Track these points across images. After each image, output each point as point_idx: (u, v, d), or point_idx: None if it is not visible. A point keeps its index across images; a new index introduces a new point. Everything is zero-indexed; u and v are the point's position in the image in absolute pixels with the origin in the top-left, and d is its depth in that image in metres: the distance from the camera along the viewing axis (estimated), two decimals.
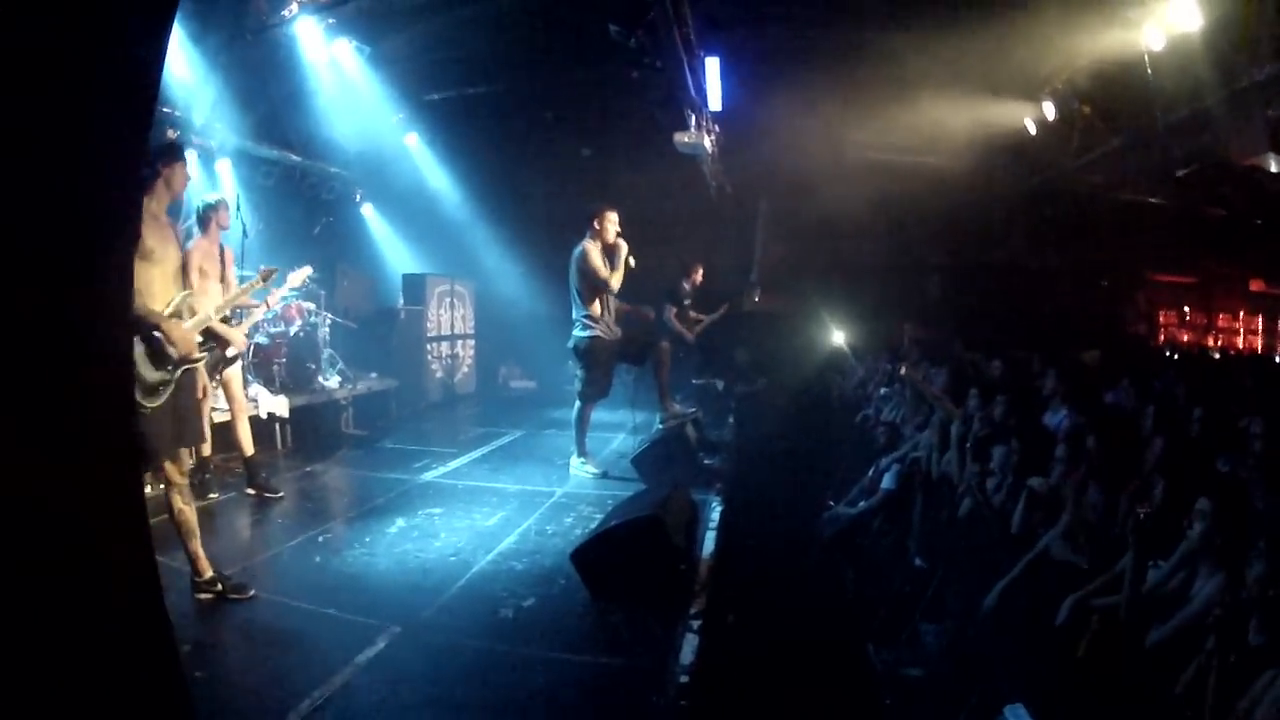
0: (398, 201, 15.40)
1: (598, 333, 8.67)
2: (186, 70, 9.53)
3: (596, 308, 8.69)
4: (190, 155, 10.31)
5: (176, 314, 5.12)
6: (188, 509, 5.08)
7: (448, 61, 11.91)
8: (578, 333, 8.75)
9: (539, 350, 14.81)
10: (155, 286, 4.96)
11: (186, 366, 5.08)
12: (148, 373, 4.86)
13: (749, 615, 5.76)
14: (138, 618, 2.38)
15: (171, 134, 9.84)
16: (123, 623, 2.32)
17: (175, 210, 7.68)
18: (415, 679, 4.22)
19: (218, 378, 7.51)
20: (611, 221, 8.71)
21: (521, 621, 5.01)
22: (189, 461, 5.35)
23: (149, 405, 4.82)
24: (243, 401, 7.90)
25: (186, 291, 5.35)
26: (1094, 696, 4.10)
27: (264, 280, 7.07)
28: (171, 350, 4.92)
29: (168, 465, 5.00)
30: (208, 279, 7.15)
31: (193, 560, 5.08)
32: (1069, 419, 6.83)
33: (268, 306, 7.80)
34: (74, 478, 2.20)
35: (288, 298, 9.01)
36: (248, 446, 7.77)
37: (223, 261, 7.43)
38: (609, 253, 8.64)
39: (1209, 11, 8.79)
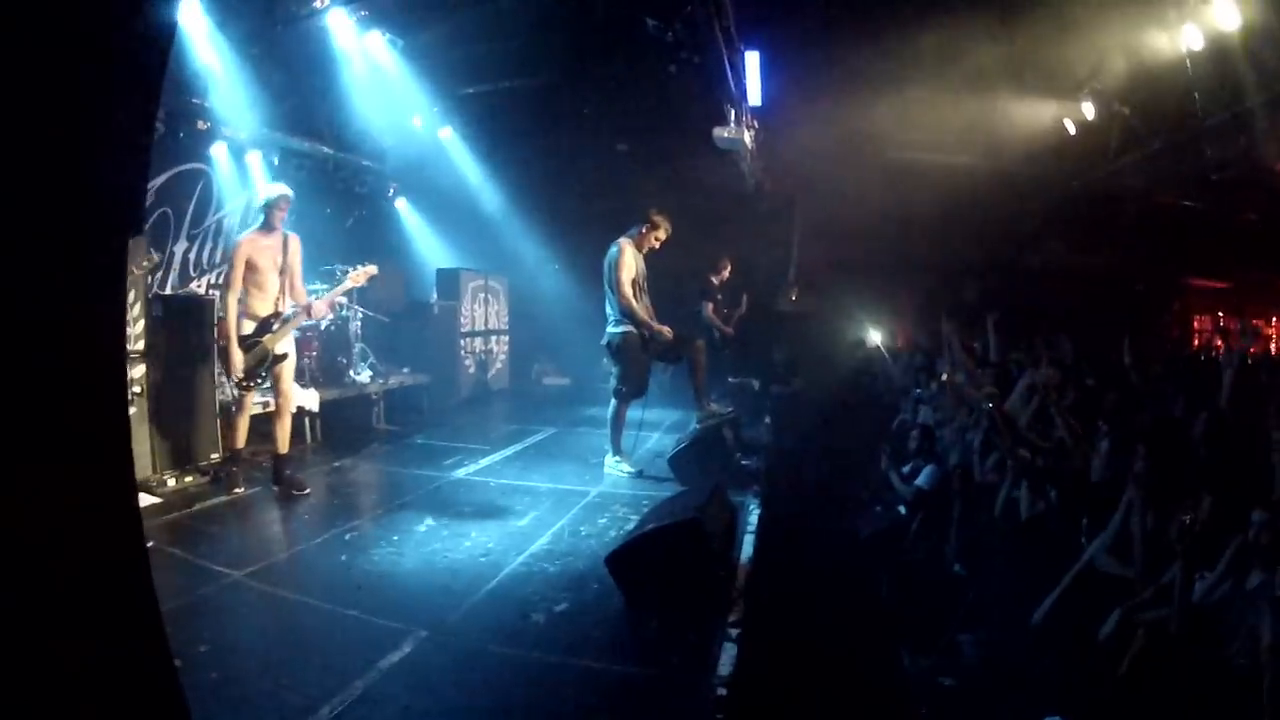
0: (432, 195, 15.31)
1: (631, 329, 8.50)
2: (216, 60, 9.46)
3: (637, 306, 8.53)
4: (220, 147, 10.25)
5: None
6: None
7: (483, 55, 11.79)
8: (611, 329, 8.61)
9: (573, 347, 14.69)
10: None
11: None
12: None
13: (786, 623, 5.54)
14: (128, 620, 2.22)
15: (202, 125, 9.77)
16: (112, 625, 2.16)
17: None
18: (440, 686, 4.03)
19: (263, 373, 7.53)
20: (662, 232, 8.72)
21: (553, 627, 4.79)
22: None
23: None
24: (290, 398, 7.83)
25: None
26: (1138, 712, 3.92)
27: (364, 279, 7.90)
28: None
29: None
30: (259, 271, 7.35)
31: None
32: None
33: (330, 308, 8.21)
34: (63, 479, 2.04)
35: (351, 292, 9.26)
36: (283, 444, 7.69)
37: (285, 252, 7.55)
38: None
39: (1248, 12, 8.63)
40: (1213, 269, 18.08)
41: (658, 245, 8.71)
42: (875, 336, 14.12)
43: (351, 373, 10.87)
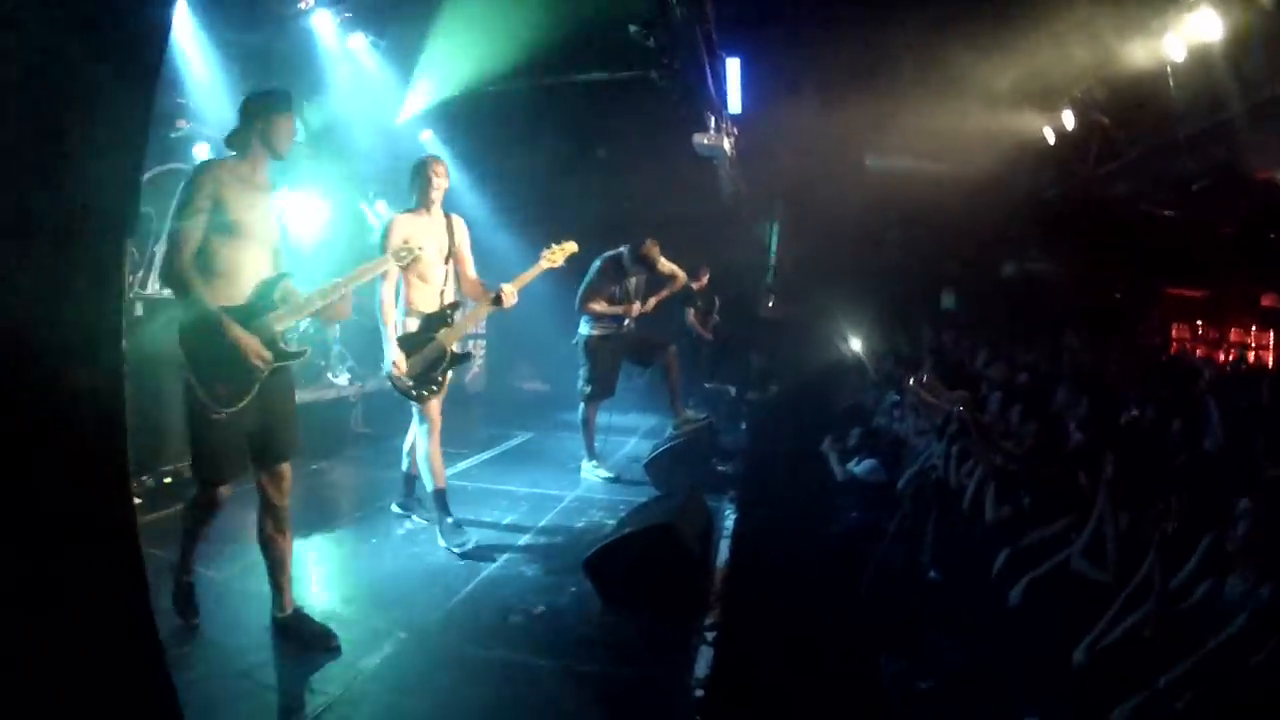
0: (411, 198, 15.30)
1: (595, 331, 8.64)
2: (200, 60, 9.44)
3: (600, 305, 8.64)
4: (202, 148, 10.24)
5: (277, 303, 4.36)
6: (279, 536, 4.56)
7: (465, 58, 11.82)
8: (580, 329, 8.76)
9: (551, 351, 14.69)
10: (246, 271, 4.29)
11: (276, 366, 4.33)
12: (228, 374, 4.17)
13: (763, 625, 5.61)
14: (121, 625, 2.27)
15: (183, 124, 9.75)
16: (105, 629, 2.21)
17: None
18: (421, 687, 4.09)
19: (439, 376, 6.36)
20: (651, 261, 8.73)
21: (532, 629, 4.88)
22: (288, 479, 4.63)
23: (223, 411, 4.14)
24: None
25: (283, 274, 4.46)
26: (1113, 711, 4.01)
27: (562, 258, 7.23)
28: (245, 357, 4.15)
29: (261, 480, 4.51)
30: (419, 260, 6.17)
31: (277, 592, 4.55)
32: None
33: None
34: (55, 483, 2.09)
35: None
36: (440, 473, 6.55)
37: (450, 234, 6.52)
38: (655, 279, 8.90)
39: (1230, 23, 8.75)
40: (1191, 278, 18.24)
41: (657, 264, 8.75)
42: (853, 343, 14.20)
43: (330, 374, 10.86)
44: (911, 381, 9.59)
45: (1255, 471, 5.21)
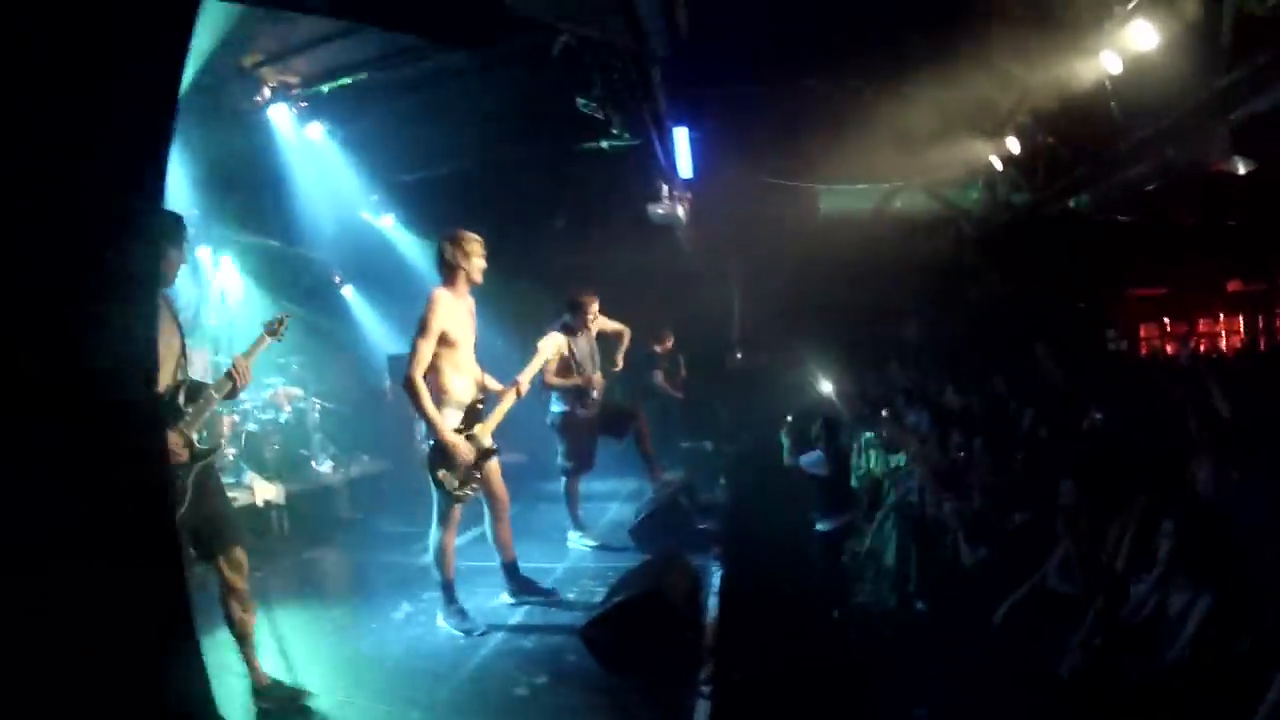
0: (378, 282, 15.49)
1: (567, 408, 8.77)
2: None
3: (559, 380, 8.62)
4: None
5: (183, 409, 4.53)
6: (246, 616, 4.78)
7: (416, 141, 12.05)
8: (551, 408, 8.90)
9: (527, 422, 14.77)
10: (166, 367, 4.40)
11: (203, 465, 4.61)
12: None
13: (756, 675, 5.82)
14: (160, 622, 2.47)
15: None
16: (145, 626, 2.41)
17: None
18: None
19: (479, 476, 6.42)
20: (593, 306, 8.68)
21: (537, 699, 5.08)
22: (245, 562, 4.81)
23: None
24: (507, 497, 6.92)
25: (182, 381, 4.59)
26: None
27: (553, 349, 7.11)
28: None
29: (221, 568, 4.65)
30: (456, 347, 6.29)
31: (252, 668, 4.83)
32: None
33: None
34: (97, 477, 2.31)
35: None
36: (510, 548, 7.03)
37: (473, 320, 6.49)
38: (588, 340, 8.74)
39: (1165, 29, 8.96)
40: (1153, 277, 18.72)
41: (594, 318, 8.70)
42: (823, 384, 14.34)
43: (314, 463, 11.01)
44: (883, 414, 9.92)
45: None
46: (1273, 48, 7.82)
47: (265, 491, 9.46)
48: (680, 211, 12.34)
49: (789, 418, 10.39)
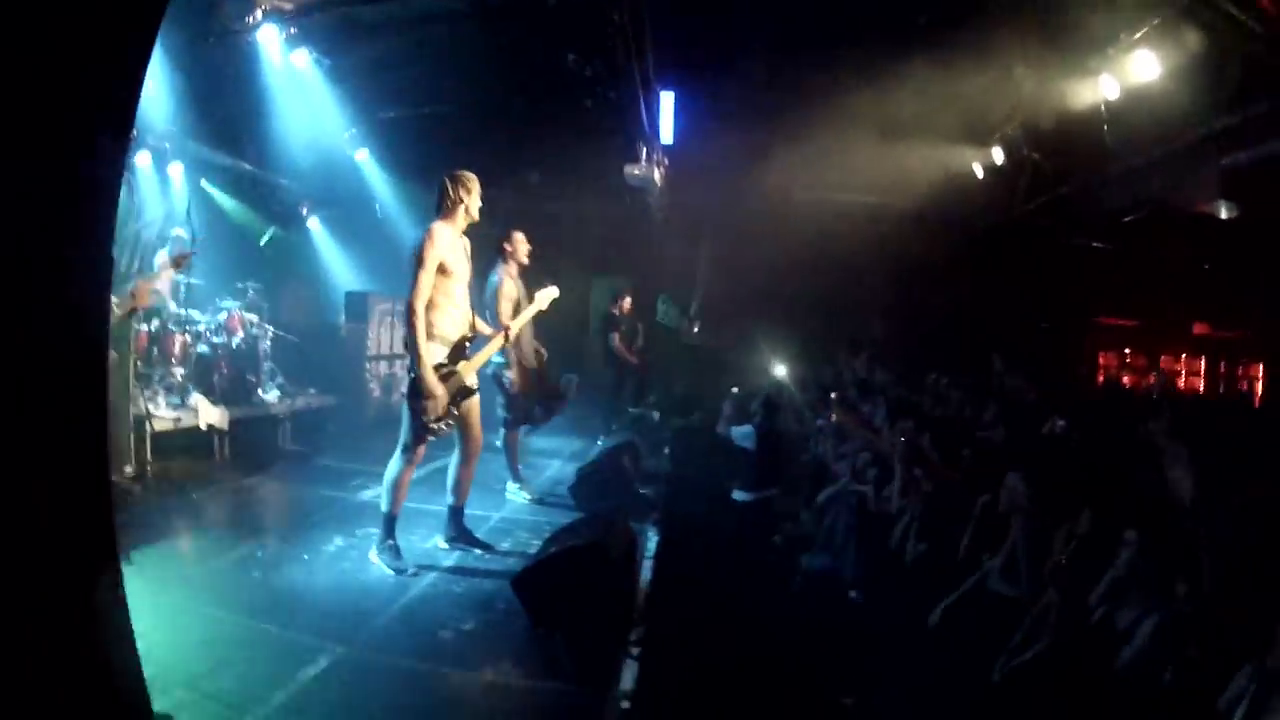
0: (345, 217, 15.36)
1: (513, 360, 8.63)
2: (148, 69, 9.43)
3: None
4: (144, 156, 10.22)
5: None
6: None
7: (404, 80, 11.95)
8: (495, 359, 8.46)
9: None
10: None
11: None
12: None
13: (685, 643, 5.84)
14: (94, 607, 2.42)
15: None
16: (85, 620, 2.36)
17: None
18: (356, 699, 4.26)
19: (455, 414, 6.36)
20: (521, 243, 8.62)
21: (462, 644, 5.07)
22: None
23: None
24: (481, 439, 6.90)
25: None
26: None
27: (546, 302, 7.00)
28: None
29: None
30: (452, 277, 6.21)
31: None
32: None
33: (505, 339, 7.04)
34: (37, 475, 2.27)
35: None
36: (465, 494, 7.01)
37: (468, 255, 6.51)
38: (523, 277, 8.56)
39: (1168, 62, 9.00)
40: (1121, 307, 18.86)
41: (528, 261, 8.64)
42: (779, 371, 14.39)
43: (260, 391, 10.90)
44: (834, 397, 9.98)
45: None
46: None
47: (209, 415, 9.35)
48: (656, 176, 12.32)
49: (734, 389, 10.49)
